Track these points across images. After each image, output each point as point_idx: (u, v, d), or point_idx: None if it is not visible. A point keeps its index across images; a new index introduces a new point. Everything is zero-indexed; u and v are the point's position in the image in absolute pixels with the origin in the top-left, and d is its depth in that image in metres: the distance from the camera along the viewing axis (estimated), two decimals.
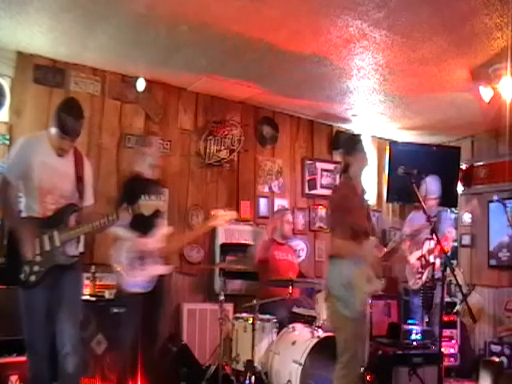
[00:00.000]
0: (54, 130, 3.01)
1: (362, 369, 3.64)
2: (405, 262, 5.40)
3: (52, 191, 3.03)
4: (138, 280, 3.81)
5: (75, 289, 3.16)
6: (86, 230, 3.09)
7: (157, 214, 3.94)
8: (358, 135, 3.86)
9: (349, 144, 3.73)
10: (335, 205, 3.54)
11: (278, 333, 4.48)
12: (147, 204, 3.17)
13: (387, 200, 6.76)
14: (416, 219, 5.29)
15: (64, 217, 3.05)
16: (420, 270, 5.20)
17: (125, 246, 3.84)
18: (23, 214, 3.02)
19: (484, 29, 3.97)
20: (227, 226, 5.48)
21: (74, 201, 3.11)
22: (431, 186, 5.27)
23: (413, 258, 5.27)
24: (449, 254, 5.79)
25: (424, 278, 5.15)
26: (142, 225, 3.75)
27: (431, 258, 5.08)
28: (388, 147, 6.58)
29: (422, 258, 5.19)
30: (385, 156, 6.64)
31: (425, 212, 3.77)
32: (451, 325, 5.89)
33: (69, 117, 2.99)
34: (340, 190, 3.62)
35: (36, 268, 2.92)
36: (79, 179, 3.14)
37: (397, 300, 6.36)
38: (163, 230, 3.98)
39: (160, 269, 3.94)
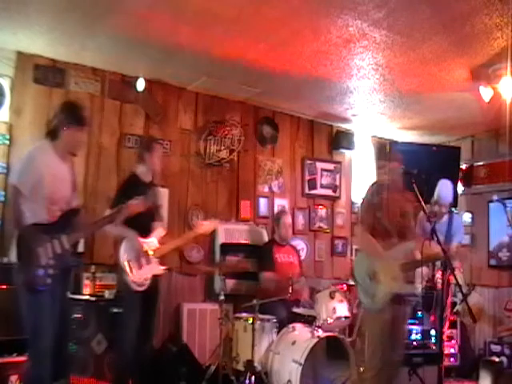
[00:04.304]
0: (67, 128, 3.15)
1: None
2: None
3: (60, 199, 3.19)
4: (135, 279, 3.86)
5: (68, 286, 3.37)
6: (90, 230, 3.34)
7: (153, 216, 4.04)
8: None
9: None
10: (363, 199, 3.73)
11: (277, 333, 4.47)
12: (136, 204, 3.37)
13: None
14: (422, 222, 5.28)
15: (70, 221, 3.19)
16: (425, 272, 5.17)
17: (126, 244, 3.89)
18: (30, 221, 3.07)
19: (484, 29, 3.97)
20: (227, 226, 5.67)
21: (72, 204, 3.27)
22: (444, 191, 5.07)
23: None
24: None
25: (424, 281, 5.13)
26: (140, 226, 3.83)
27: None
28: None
29: None
30: None
31: (425, 212, 3.78)
32: (451, 325, 5.88)
33: (75, 108, 3.24)
34: (372, 187, 3.75)
35: (51, 271, 3.02)
36: (73, 183, 3.33)
37: None
38: (159, 231, 4.08)
39: (156, 269, 4.01)
